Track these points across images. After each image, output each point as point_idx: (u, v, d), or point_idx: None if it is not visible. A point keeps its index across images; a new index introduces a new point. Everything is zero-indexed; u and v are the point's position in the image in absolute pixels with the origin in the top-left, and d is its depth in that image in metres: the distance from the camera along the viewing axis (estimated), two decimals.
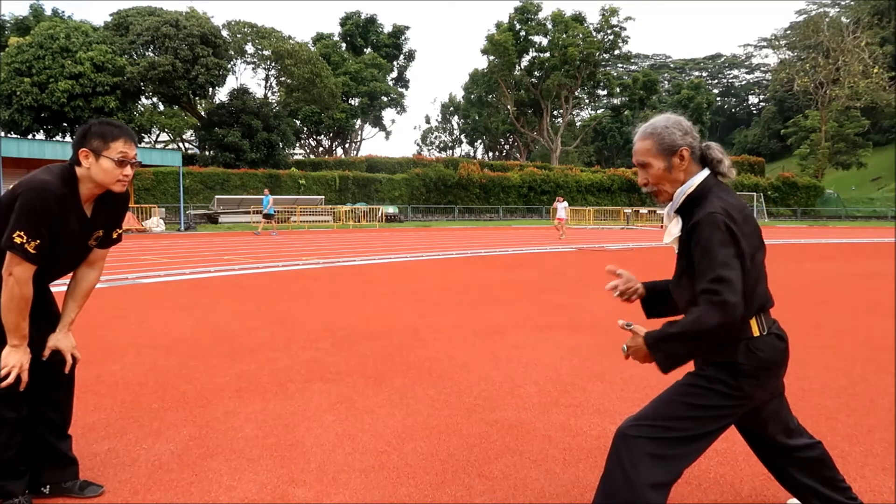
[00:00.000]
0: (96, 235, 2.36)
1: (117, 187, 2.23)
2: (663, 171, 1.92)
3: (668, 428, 1.83)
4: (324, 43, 57.11)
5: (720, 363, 1.88)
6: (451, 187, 41.72)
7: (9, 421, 2.23)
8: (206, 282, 9.20)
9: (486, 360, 4.57)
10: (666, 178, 1.93)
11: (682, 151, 1.90)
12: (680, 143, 1.90)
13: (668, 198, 1.95)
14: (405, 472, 2.68)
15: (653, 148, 1.92)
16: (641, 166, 1.96)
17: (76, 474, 2.47)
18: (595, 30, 53.74)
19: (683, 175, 1.92)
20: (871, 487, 2.55)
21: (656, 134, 1.92)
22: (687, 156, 1.91)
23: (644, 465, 1.79)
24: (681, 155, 1.90)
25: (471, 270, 11.04)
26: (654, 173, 1.93)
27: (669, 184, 1.93)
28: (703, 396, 1.86)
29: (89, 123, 2.23)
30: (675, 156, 1.90)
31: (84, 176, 2.21)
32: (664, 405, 1.89)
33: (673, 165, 1.91)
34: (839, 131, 54.49)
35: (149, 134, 44.06)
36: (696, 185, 1.90)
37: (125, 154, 2.20)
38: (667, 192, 1.95)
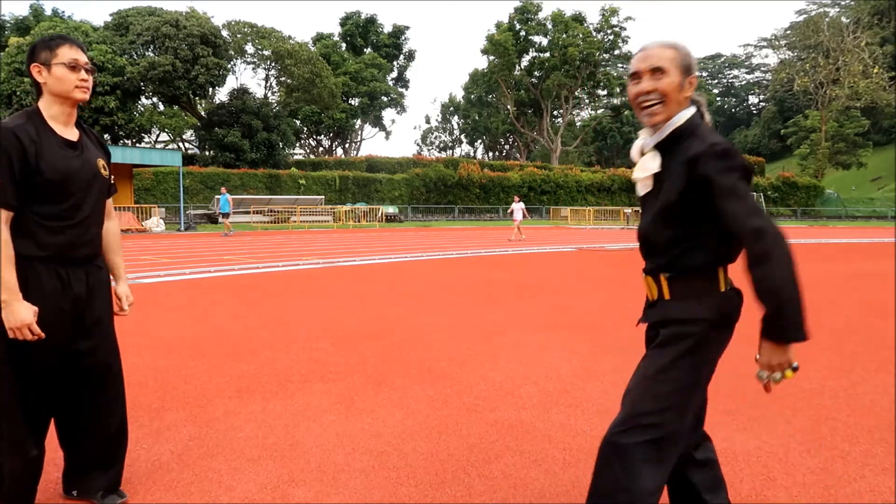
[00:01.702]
0: (102, 164, 2.32)
1: (77, 94, 2.19)
2: (676, 86, 1.77)
3: (658, 425, 1.74)
4: (324, 43, 57.12)
5: (684, 320, 1.77)
6: (451, 187, 41.74)
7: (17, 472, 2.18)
8: (206, 282, 9.20)
9: (486, 360, 4.57)
10: (674, 96, 1.77)
11: (693, 77, 1.80)
12: (694, 69, 1.81)
13: (661, 121, 1.79)
14: (405, 472, 2.68)
15: (676, 58, 1.77)
16: (654, 72, 1.77)
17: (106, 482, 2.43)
18: (595, 30, 53.76)
19: (684, 103, 1.80)
20: (871, 487, 2.55)
21: (680, 48, 1.79)
22: (695, 84, 1.79)
23: (642, 473, 1.71)
24: (691, 80, 1.79)
25: (471, 270, 11.04)
26: (668, 82, 1.76)
27: (674, 105, 1.78)
28: (679, 372, 1.75)
29: (33, 43, 2.23)
30: (688, 79, 1.79)
31: (46, 97, 2.19)
32: (646, 399, 1.77)
33: (683, 87, 1.78)
34: (839, 131, 54.50)
35: (149, 134, 44.07)
36: (685, 118, 1.78)
37: (75, 59, 2.17)
38: (669, 112, 1.78)
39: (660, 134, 1.80)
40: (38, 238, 2.13)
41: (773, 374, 1.66)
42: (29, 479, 2.22)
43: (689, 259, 1.77)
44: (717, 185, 1.64)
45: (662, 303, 1.84)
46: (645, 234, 1.87)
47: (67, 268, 2.21)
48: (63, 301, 2.20)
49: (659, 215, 1.79)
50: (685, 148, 1.73)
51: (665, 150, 1.80)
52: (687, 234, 1.76)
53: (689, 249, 1.76)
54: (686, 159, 1.70)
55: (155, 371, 4.23)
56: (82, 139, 2.29)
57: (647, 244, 1.87)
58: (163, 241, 19.23)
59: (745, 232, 1.61)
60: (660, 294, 1.85)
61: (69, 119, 2.25)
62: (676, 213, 1.74)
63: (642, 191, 1.88)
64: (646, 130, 1.86)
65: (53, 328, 2.17)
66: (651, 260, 1.87)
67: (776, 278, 1.59)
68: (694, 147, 1.69)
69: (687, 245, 1.76)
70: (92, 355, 2.30)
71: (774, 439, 3.04)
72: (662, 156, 1.80)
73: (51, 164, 2.12)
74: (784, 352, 1.62)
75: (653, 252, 1.86)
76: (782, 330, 1.60)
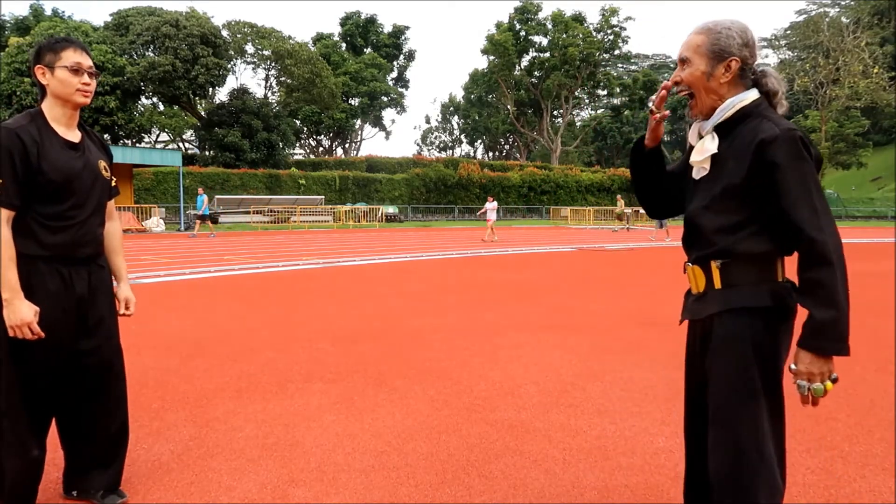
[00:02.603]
0: (103, 165, 2.32)
1: (78, 97, 2.20)
2: (700, 75, 1.69)
3: (759, 446, 1.63)
4: (324, 43, 57.11)
5: (739, 310, 1.65)
6: (451, 187, 41.75)
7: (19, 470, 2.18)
8: (206, 282, 9.20)
9: (486, 360, 4.57)
10: (701, 84, 1.69)
11: (731, 61, 1.67)
12: (734, 51, 1.66)
13: (701, 111, 1.73)
14: (405, 472, 2.68)
15: (703, 45, 1.68)
16: (682, 62, 1.72)
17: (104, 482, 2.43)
18: (595, 30, 53.76)
19: (724, 89, 1.69)
20: (871, 487, 2.55)
21: (714, 32, 1.69)
22: (735, 68, 1.67)
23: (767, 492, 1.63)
24: (728, 65, 1.67)
25: (471, 270, 11.04)
26: (690, 73, 1.70)
27: (704, 93, 1.70)
28: (754, 369, 1.63)
29: (38, 44, 2.24)
30: (723, 64, 1.67)
31: (49, 99, 2.20)
32: (744, 437, 1.63)
33: (715, 73, 1.68)
34: (839, 131, 54.49)
35: (149, 134, 44.07)
36: (748, 100, 1.66)
37: (79, 63, 2.18)
38: (702, 102, 1.71)
39: (718, 115, 1.70)
40: (39, 238, 2.14)
41: (814, 384, 1.57)
42: (30, 478, 2.22)
43: (747, 246, 1.65)
44: (786, 172, 1.55)
45: (712, 293, 1.71)
46: (695, 218, 1.74)
47: (70, 268, 2.22)
48: (66, 301, 2.20)
49: (717, 199, 1.67)
50: (750, 130, 1.63)
51: (725, 132, 1.70)
52: (747, 220, 1.64)
53: (748, 236, 1.64)
54: (755, 141, 1.59)
55: (155, 371, 4.23)
56: (84, 141, 2.30)
57: (697, 230, 1.74)
58: (163, 241, 19.23)
59: (807, 228, 1.53)
60: (709, 283, 1.72)
61: (71, 121, 2.26)
62: (737, 197, 1.63)
63: (699, 174, 1.77)
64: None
65: (56, 328, 2.18)
66: (699, 247, 1.74)
67: (836, 286, 1.50)
68: (765, 129, 1.59)
69: (745, 231, 1.64)
70: (93, 355, 2.31)
71: None
72: (721, 139, 1.70)
73: (53, 165, 2.13)
74: (826, 362, 1.54)
75: (702, 238, 1.73)
76: (831, 341, 1.51)
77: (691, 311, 1.82)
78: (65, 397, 2.33)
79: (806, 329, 1.55)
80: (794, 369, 1.60)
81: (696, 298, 1.78)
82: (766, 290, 1.65)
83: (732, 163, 1.65)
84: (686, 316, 1.85)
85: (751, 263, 1.66)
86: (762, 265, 1.67)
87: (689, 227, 1.79)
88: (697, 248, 1.76)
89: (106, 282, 2.39)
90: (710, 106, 1.72)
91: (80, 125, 2.33)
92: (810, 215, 1.54)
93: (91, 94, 2.24)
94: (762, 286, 1.65)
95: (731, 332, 1.66)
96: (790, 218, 1.56)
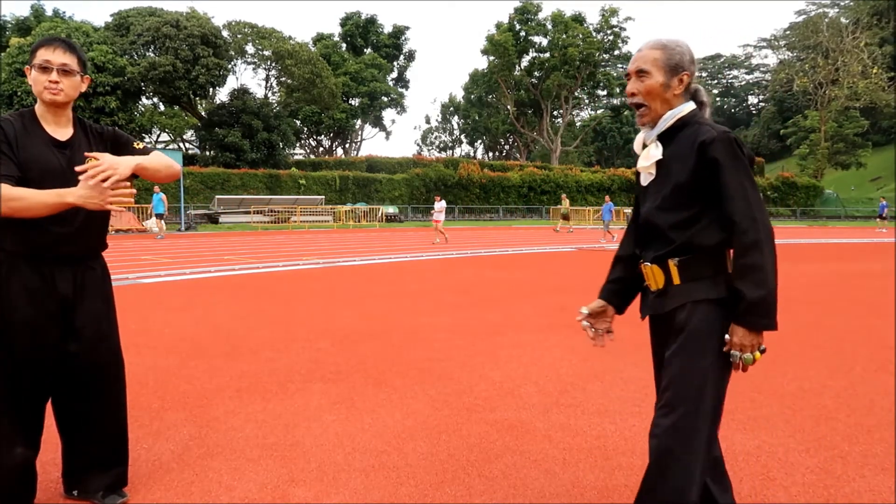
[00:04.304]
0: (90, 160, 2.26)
1: (46, 96, 2.16)
2: (659, 87, 1.84)
3: (693, 439, 1.75)
4: (324, 43, 57.11)
5: (700, 301, 1.78)
6: (451, 187, 41.72)
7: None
8: (206, 282, 9.20)
9: (486, 360, 4.57)
10: (658, 96, 1.85)
11: (683, 75, 1.85)
12: (686, 67, 1.85)
13: (652, 119, 1.88)
14: (405, 472, 2.68)
15: (661, 59, 1.84)
16: (639, 73, 1.86)
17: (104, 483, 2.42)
18: (595, 30, 53.75)
19: (675, 100, 1.86)
20: (870, 487, 2.55)
21: (669, 48, 1.85)
22: (686, 82, 1.85)
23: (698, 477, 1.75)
24: (681, 78, 1.85)
25: (471, 270, 11.04)
26: (650, 84, 1.84)
27: (659, 103, 1.86)
28: (713, 365, 1.76)
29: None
30: (677, 77, 1.84)
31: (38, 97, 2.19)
32: (693, 399, 1.76)
33: (671, 85, 1.84)
34: (839, 131, 54.50)
35: (149, 134, 44.04)
36: (686, 111, 1.85)
37: (47, 60, 2.15)
38: (654, 112, 1.87)
39: (662, 125, 1.87)
40: (18, 234, 2.11)
41: (744, 355, 1.73)
42: (18, 477, 2.21)
43: (700, 241, 1.79)
44: (724, 169, 1.72)
45: (673, 289, 1.84)
46: (651, 218, 1.89)
47: (52, 267, 2.19)
48: (48, 301, 2.18)
49: (668, 198, 1.83)
50: (690, 135, 1.80)
51: (667, 139, 1.86)
52: (696, 216, 1.80)
53: (699, 231, 1.79)
54: (697, 143, 1.76)
55: (155, 371, 4.23)
56: (75, 139, 2.25)
57: (652, 231, 1.89)
58: (163, 240, 19.23)
59: (741, 219, 1.70)
60: (668, 280, 1.85)
61: (58, 118, 2.23)
62: (686, 194, 1.79)
63: (646, 180, 1.93)
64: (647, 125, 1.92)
65: (36, 326, 2.16)
66: (655, 247, 1.88)
67: (767, 268, 1.68)
68: (703, 133, 1.76)
69: (698, 226, 1.80)
70: (83, 357, 2.27)
71: (774, 439, 3.04)
72: (664, 146, 1.87)
73: (30, 160, 2.12)
74: (756, 336, 1.72)
75: (658, 238, 1.88)
76: (761, 317, 1.69)
77: (653, 306, 1.93)
78: (60, 397, 2.32)
79: (740, 307, 1.71)
80: (728, 339, 1.75)
81: (658, 294, 1.90)
82: (721, 281, 1.79)
83: (677, 165, 1.82)
84: (648, 311, 1.97)
85: (705, 257, 1.81)
86: (715, 258, 1.81)
87: (645, 227, 1.93)
88: (655, 248, 1.89)
89: (97, 283, 2.33)
90: (660, 115, 1.88)
91: (80, 123, 2.30)
92: (744, 207, 1.70)
93: (59, 91, 2.17)
94: (718, 278, 1.80)
95: (693, 324, 1.79)
96: (727, 210, 1.73)
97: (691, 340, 1.78)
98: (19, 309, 2.13)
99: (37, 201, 2.04)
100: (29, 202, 2.03)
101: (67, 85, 2.19)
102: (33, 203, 2.03)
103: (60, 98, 2.18)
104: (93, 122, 2.38)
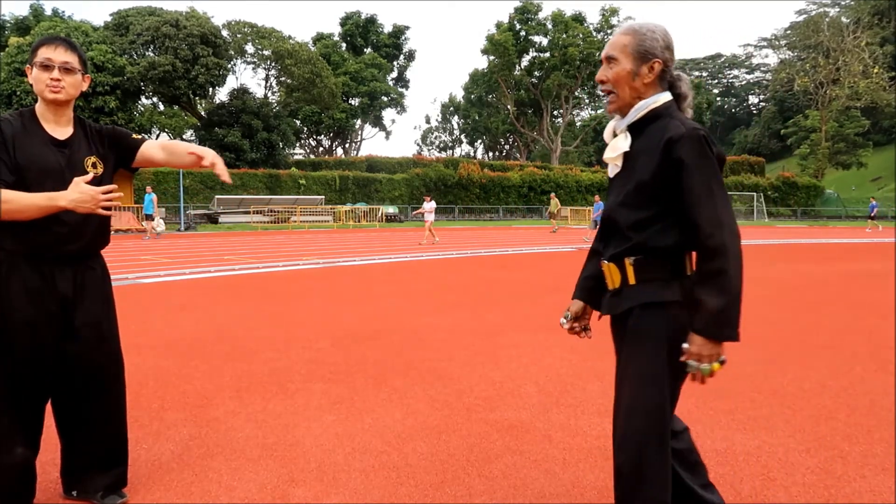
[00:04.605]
0: (91, 161, 2.26)
1: (48, 94, 2.16)
2: (627, 74, 1.76)
3: (662, 438, 1.72)
4: (324, 43, 57.11)
5: (651, 304, 1.73)
6: (451, 187, 41.71)
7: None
8: (206, 282, 9.20)
9: (486, 360, 4.57)
10: (626, 83, 1.77)
11: (654, 62, 1.75)
12: (657, 54, 1.75)
13: (620, 108, 1.81)
14: (405, 472, 2.68)
15: (629, 45, 1.76)
16: (608, 60, 1.79)
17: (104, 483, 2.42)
18: (595, 30, 53.71)
19: (645, 88, 1.77)
20: (870, 487, 2.55)
21: (640, 34, 1.77)
22: (657, 69, 1.76)
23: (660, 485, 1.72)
24: (651, 66, 1.75)
25: (471, 270, 11.04)
26: (617, 72, 1.77)
27: (628, 91, 1.77)
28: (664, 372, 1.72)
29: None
30: (647, 64, 1.75)
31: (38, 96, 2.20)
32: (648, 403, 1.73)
33: (640, 73, 1.76)
34: (839, 131, 54.50)
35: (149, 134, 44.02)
36: (660, 102, 1.76)
37: (48, 59, 2.15)
38: (623, 100, 1.79)
39: (632, 115, 1.79)
40: (17, 233, 2.11)
41: (702, 365, 1.64)
42: (18, 477, 2.20)
43: (657, 242, 1.72)
44: (690, 169, 1.64)
45: (627, 289, 1.79)
46: (611, 215, 1.82)
47: (52, 266, 2.18)
48: (48, 300, 2.17)
49: (631, 195, 1.75)
50: (659, 129, 1.72)
51: (637, 131, 1.79)
52: (656, 216, 1.72)
53: (658, 232, 1.72)
54: (664, 139, 1.68)
55: (155, 371, 4.23)
56: (75, 138, 2.25)
57: (612, 227, 1.83)
58: (163, 241, 19.23)
59: (706, 223, 1.62)
60: (623, 280, 1.80)
61: (58, 117, 2.23)
62: (648, 193, 1.71)
63: (613, 172, 1.87)
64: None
65: (36, 326, 2.15)
66: (614, 244, 1.82)
67: (731, 275, 1.59)
68: (672, 129, 1.68)
69: (655, 227, 1.72)
70: (82, 358, 2.27)
71: (774, 439, 3.04)
72: (634, 137, 1.79)
73: (27, 158, 2.12)
74: (716, 346, 1.63)
75: (617, 235, 1.81)
76: (722, 327, 1.60)
77: (608, 306, 1.89)
78: (59, 397, 2.32)
79: (699, 315, 1.63)
80: (686, 349, 1.67)
81: (613, 294, 1.85)
82: (676, 284, 1.73)
83: (643, 160, 1.73)
84: (604, 311, 1.93)
85: (662, 259, 1.74)
86: (673, 260, 1.74)
87: (606, 223, 1.87)
88: (613, 245, 1.83)
89: (98, 283, 2.32)
90: (629, 104, 1.80)
91: (79, 122, 2.30)
92: (710, 211, 1.62)
93: (60, 90, 2.17)
94: (673, 281, 1.74)
95: (644, 326, 1.74)
96: (692, 213, 1.65)
97: (642, 345, 1.74)
98: (19, 308, 2.12)
99: (27, 204, 2.04)
100: (19, 205, 2.03)
101: (69, 83, 2.20)
102: (24, 206, 2.04)
103: (62, 96, 2.19)
104: (92, 122, 2.38)
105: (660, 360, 1.72)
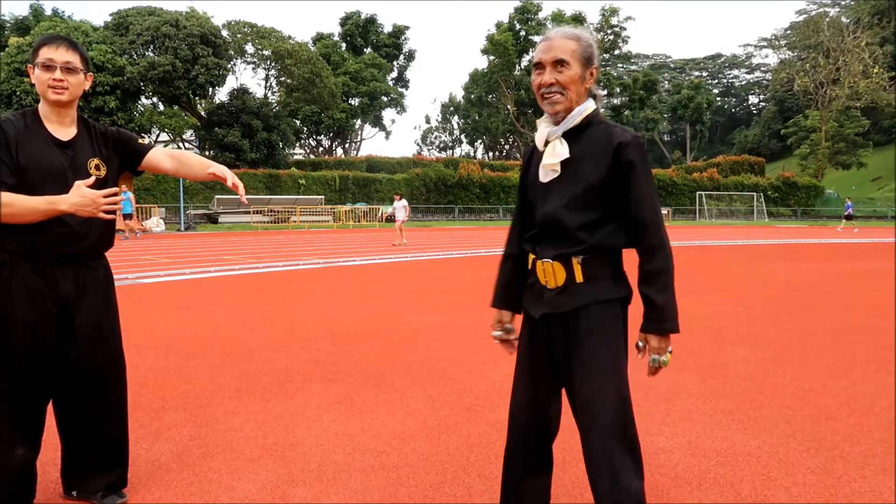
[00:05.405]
0: (94, 163, 2.25)
1: (50, 95, 2.15)
2: (577, 78, 1.81)
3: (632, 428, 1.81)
4: (324, 43, 57.11)
5: (607, 300, 1.82)
6: (451, 187, 41.71)
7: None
8: (206, 282, 9.20)
9: (486, 360, 4.57)
10: (576, 87, 1.81)
11: (593, 69, 1.85)
12: (594, 62, 1.85)
13: (562, 110, 1.83)
14: (405, 472, 2.68)
15: (577, 51, 1.81)
16: (556, 64, 1.80)
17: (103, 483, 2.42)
18: (595, 30, 53.75)
19: (583, 95, 1.85)
20: (871, 487, 2.55)
21: (583, 40, 1.83)
22: (595, 76, 1.85)
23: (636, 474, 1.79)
24: (591, 72, 1.85)
25: (471, 270, 11.04)
26: (570, 75, 1.80)
27: (575, 95, 1.82)
28: (623, 364, 1.83)
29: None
30: (588, 70, 1.84)
31: (41, 96, 2.19)
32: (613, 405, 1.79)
33: (585, 78, 1.83)
34: (839, 131, 54.52)
35: (149, 134, 44.03)
36: (591, 109, 1.85)
37: (50, 59, 2.14)
38: (568, 102, 1.82)
39: (567, 122, 1.84)
40: (18, 233, 2.10)
41: (661, 357, 1.78)
42: (19, 478, 2.20)
43: (606, 241, 1.82)
44: (637, 173, 1.77)
45: (575, 287, 1.84)
46: (554, 218, 1.86)
47: (53, 267, 2.18)
48: (49, 301, 2.17)
49: (577, 198, 1.82)
50: (602, 134, 1.81)
51: (572, 137, 1.85)
52: (605, 217, 1.81)
53: (608, 232, 1.82)
54: (613, 144, 1.77)
55: (155, 371, 4.22)
56: (79, 139, 2.24)
57: (559, 228, 1.86)
58: (163, 241, 19.23)
59: (650, 226, 1.76)
60: (569, 278, 1.84)
61: (62, 118, 2.22)
62: (597, 196, 1.80)
63: (548, 177, 1.89)
64: (546, 120, 1.90)
65: (38, 327, 2.15)
66: (558, 245, 1.86)
67: (670, 272, 1.76)
68: (618, 135, 1.78)
69: (606, 228, 1.82)
70: (82, 359, 2.26)
71: (774, 439, 3.04)
72: (570, 143, 1.85)
73: (31, 160, 2.11)
74: (666, 339, 1.79)
75: (562, 236, 1.85)
76: (670, 321, 1.76)
77: (552, 304, 1.89)
78: (59, 398, 2.32)
79: (651, 313, 1.77)
80: (643, 347, 1.81)
81: (558, 292, 1.87)
82: (623, 281, 1.86)
83: (589, 164, 1.81)
84: (544, 310, 1.91)
85: (607, 257, 1.84)
86: (615, 259, 1.86)
87: (548, 225, 1.89)
88: (559, 246, 1.86)
89: (99, 284, 2.31)
90: (570, 109, 1.84)
91: (83, 123, 2.29)
92: (652, 215, 1.77)
93: (63, 90, 2.16)
94: (620, 278, 1.86)
95: (603, 323, 1.83)
96: (638, 216, 1.78)
97: (603, 340, 1.81)
98: (20, 309, 2.12)
99: (28, 208, 2.04)
100: (20, 209, 2.03)
101: (72, 83, 2.19)
102: (25, 210, 2.03)
103: (65, 97, 2.18)
104: (95, 122, 2.37)
105: (621, 354, 1.82)
